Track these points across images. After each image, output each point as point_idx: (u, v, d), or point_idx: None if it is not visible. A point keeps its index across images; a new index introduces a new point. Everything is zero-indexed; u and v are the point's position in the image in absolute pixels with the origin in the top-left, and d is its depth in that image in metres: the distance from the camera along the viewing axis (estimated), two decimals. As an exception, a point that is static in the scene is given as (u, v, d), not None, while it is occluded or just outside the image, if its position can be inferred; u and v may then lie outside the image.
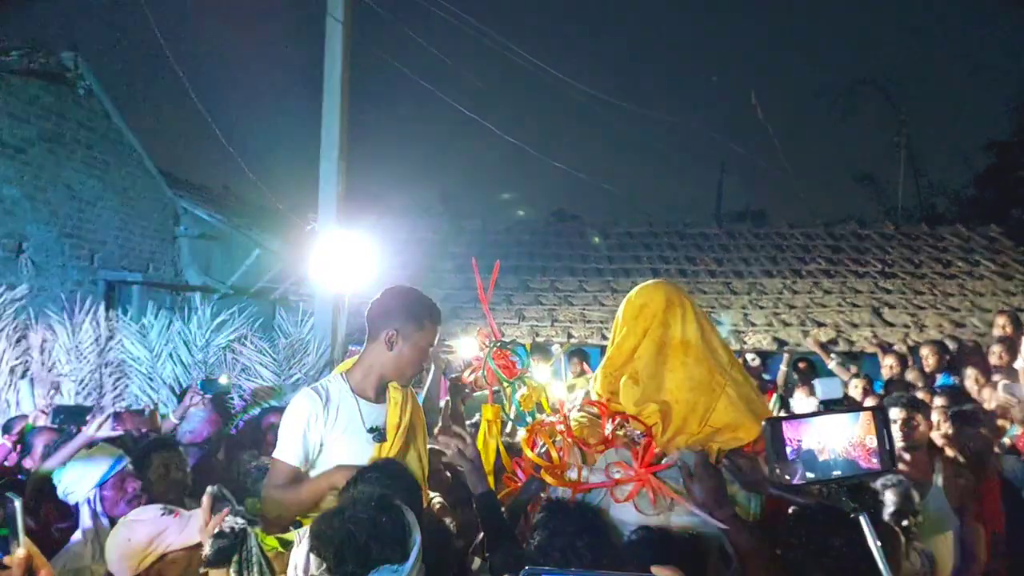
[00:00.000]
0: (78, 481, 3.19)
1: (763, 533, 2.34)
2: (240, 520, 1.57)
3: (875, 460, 1.79)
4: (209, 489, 1.64)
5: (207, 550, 1.52)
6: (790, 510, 2.48)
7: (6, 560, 1.58)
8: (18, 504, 1.61)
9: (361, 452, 2.81)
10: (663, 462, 2.56)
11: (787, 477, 1.77)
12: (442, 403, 3.83)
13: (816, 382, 2.40)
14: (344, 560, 1.73)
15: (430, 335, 2.93)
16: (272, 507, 2.71)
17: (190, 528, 2.12)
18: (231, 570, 1.69)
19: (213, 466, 4.75)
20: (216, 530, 1.53)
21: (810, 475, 1.77)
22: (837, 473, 1.78)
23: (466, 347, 3.72)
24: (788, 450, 1.76)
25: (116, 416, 3.48)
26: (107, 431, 3.43)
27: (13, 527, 1.61)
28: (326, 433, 2.81)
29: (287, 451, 2.80)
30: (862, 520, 1.76)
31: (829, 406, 2.20)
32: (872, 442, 1.79)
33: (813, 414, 1.87)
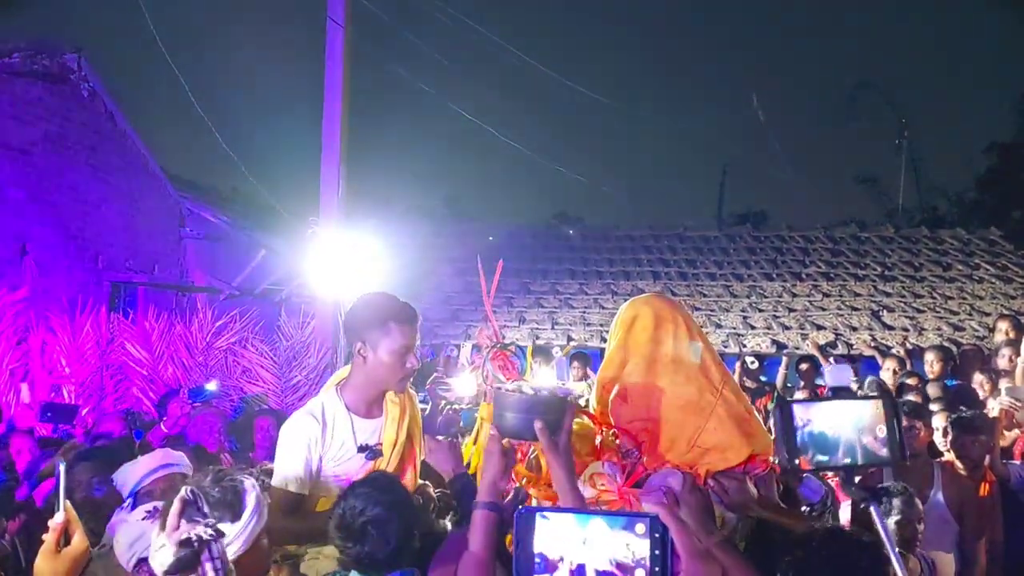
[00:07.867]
0: (126, 473, 3.10)
1: (752, 557, 2.26)
2: (209, 531, 1.53)
3: (885, 450, 1.75)
4: (183, 490, 1.60)
5: (167, 555, 1.47)
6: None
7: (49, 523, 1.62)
8: (61, 467, 1.67)
9: (355, 471, 2.77)
10: (648, 483, 2.46)
11: (797, 461, 1.73)
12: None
13: (826, 369, 2.29)
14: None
15: (400, 336, 2.76)
16: (275, 535, 2.48)
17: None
18: None
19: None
20: (183, 536, 1.49)
21: (821, 459, 1.73)
22: (847, 460, 1.74)
23: (463, 385, 3.66)
24: (798, 434, 1.73)
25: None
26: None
27: (56, 490, 1.68)
28: (324, 454, 2.78)
29: (290, 479, 2.73)
30: (872, 510, 1.74)
31: (838, 393, 2.09)
32: (882, 431, 1.75)
33: (824, 399, 1.86)
